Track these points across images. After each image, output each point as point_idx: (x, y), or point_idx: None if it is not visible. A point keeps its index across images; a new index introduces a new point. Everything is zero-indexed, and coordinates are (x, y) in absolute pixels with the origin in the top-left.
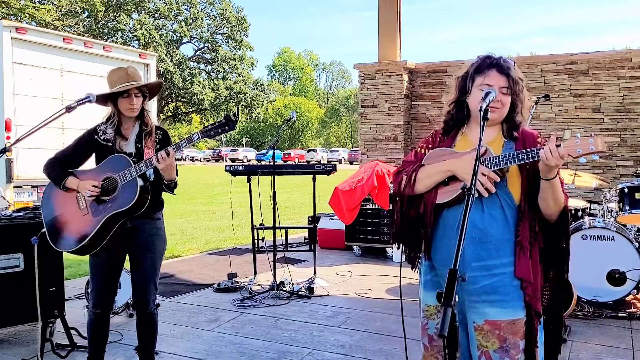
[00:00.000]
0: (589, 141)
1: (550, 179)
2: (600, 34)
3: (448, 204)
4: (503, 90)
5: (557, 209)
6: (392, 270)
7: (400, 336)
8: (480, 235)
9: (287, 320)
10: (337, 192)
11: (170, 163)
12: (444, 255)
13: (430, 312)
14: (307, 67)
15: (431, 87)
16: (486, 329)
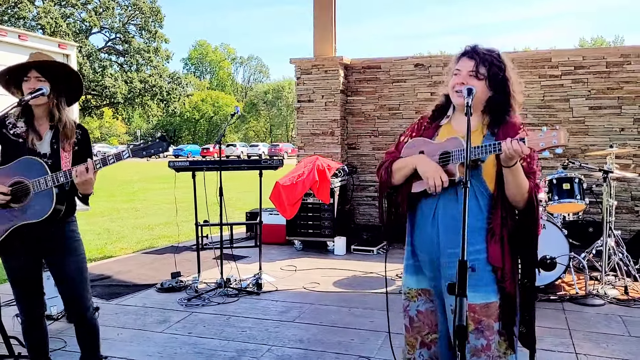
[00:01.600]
0: (552, 134)
1: (510, 167)
2: (508, 33)
3: (424, 194)
4: (470, 73)
5: (521, 196)
6: (335, 263)
7: (355, 327)
8: (455, 223)
9: (240, 318)
10: (278, 187)
11: (88, 179)
12: (422, 241)
13: (411, 295)
14: (224, 61)
15: (366, 83)
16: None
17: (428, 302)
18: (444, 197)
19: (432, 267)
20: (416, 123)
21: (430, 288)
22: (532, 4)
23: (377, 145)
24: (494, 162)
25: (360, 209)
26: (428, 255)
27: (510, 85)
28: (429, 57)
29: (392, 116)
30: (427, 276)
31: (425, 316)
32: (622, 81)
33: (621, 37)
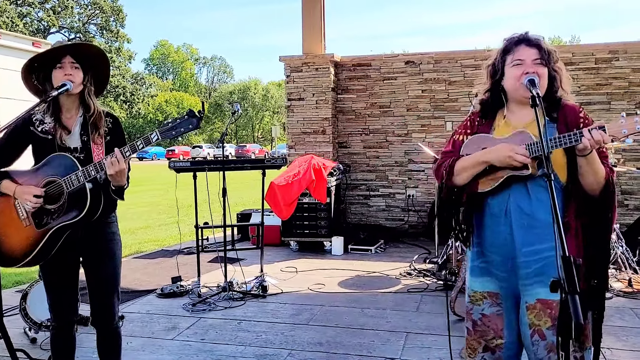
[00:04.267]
0: (635, 120)
1: (586, 155)
2: (472, 34)
3: (493, 191)
4: (536, 62)
5: (598, 184)
6: (334, 263)
7: (372, 328)
8: (528, 220)
9: (251, 322)
10: (273, 187)
11: (122, 169)
12: (494, 241)
13: (475, 298)
14: (187, 62)
15: (357, 81)
16: (538, 307)
17: (494, 306)
18: (514, 194)
19: (504, 267)
20: (467, 120)
21: (498, 290)
22: (491, 5)
23: (368, 143)
24: (563, 152)
25: (352, 208)
26: (501, 256)
27: (561, 74)
28: (420, 54)
29: (383, 114)
30: (498, 277)
31: (490, 320)
32: (611, 77)
33: (577, 37)
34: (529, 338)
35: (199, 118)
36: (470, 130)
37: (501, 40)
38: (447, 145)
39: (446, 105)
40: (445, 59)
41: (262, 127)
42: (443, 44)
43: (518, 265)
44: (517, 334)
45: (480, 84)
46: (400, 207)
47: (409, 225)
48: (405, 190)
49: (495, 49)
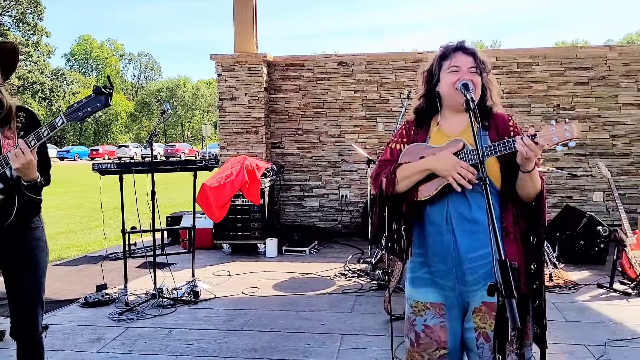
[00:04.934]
0: (564, 128)
1: (530, 171)
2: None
3: (431, 200)
4: (472, 70)
5: (535, 194)
6: (268, 265)
7: (308, 332)
8: (470, 226)
9: (183, 330)
10: (205, 188)
11: (27, 161)
12: (438, 250)
13: (418, 309)
14: (112, 58)
15: (289, 81)
16: (484, 310)
17: (438, 317)
18: (453, 201)
19: (450, 276)
20: (403, 128)
21: (443, 301)
22: (419, 9)
23: (302, 144)
24: (496, 160)
25: (286, 209)
26: (446, 265)
27: (493, 85)
28: (353, 55)
29: (317, 114)
30: (443, 287)
31: (433, 332)
32: (532, 81)
33: (498, 41)
34: (474, 342)
35: (108, 94)
36: (407, 139)
37: (437, 47)
38: (383, 154)
39: (378, 106)
40: (376, 60)
41: (192, 126)
42: (374, 45)
43: (464, 272)
44: (461, 342)
45: (417, 91)
46: (333, 207)
47: (342, 225)
48: (338, 190)
49: (431, 55)
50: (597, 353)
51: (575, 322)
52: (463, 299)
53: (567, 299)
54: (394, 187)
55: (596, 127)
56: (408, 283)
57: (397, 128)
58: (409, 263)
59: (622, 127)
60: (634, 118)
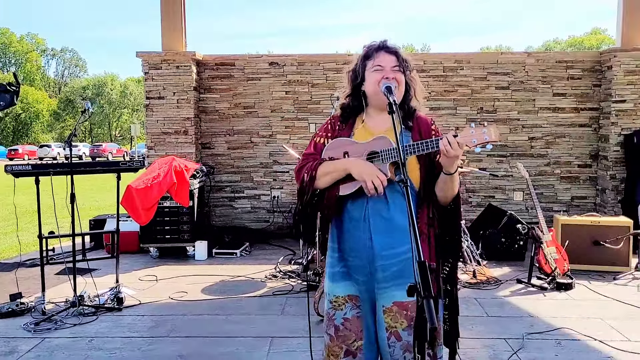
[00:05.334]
0: (482, 131)
1: (451, 174)
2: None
3: (351, 196)
4: (395, 68)
5: (452, 197)
6: (198, 269)
7: (237, 336)
8: (387, 225)
9: (104, 339)
10: (131, 190)
11: None
12: (354, 246)
13: (338, 303)
14: (32, 53)
15: (220, 80)
16: (395, 310)
17: (355, 308)
18: (372, 199)
19: (364, 271)
20: (328, 123)
21: (358, 294)
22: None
23: (233, 144)
24: (417, 161)
25: (217, 211)
26: (361, 260)
27: (416, 83)
28: (284, 56)
29: (248, 115)
30: (357, 281)
31: (352, 323)
32: (457, 84)
33: (428, 46)
34: (386, 340)
35: (14, 92)
36: (331, 133)
37: (361, 47)
38: (308, 147)
39: (310, 107)
40: (308, 61)
41: (120, 125)
42: (306, 46)
43: (376, 269)
44: (375, 336)
45: (343, 90)
46: (265, 208)
47: (274, 226)
48: (270, 191)
49: (356, 55)
50: (516, 346)
51: (496, 316)
52: (374, 295)
53: (489, 294)
54: (314, 183)
55: (516, 129)
56: (327, 279)
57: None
58: (329, 259)
59: (539, 130)
60: (549, 121)
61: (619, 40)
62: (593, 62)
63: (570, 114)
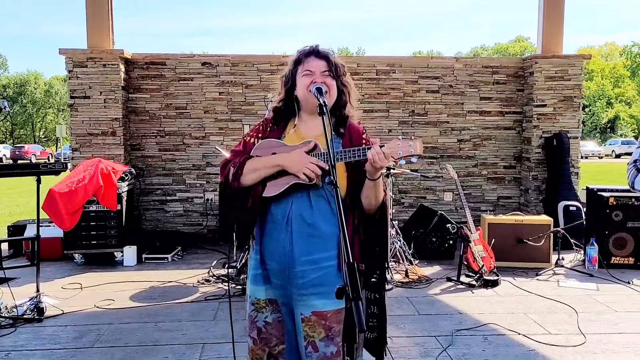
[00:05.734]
0: (409, 144)
1: (376, 179)
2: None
3: (276, 198)
4: (325, 73)
5: (377, 204)
6: (127, 275)
7: (166, 343)
8: (309, 230)
9: (23, 352)
10: (53, 194)
11: None
12: (274, 249)
13: (260, 306)
14: None
15: (150, 80)
16: (313, 319)
17: (276, 312)
18: (297, 202)
19: (282, 275)
20: (260, 124)
21: (277, 298)
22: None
23: (164, 146)
24: (345, 168)
25: (148, 214)
26: (279, 264)
27: (350, 88)
28: (217, 56)
29: (180, 115)
30: (275, 285)
31: (273, 327)
32: (390, 87)
33: (363, 50)
34: (304, 349)
35: None
36: (262, 134)
37: (294, 52)
38: (237, 145)
39: (244, 109)
40: (242, 62)
41: (45, 125)
42: (241, 47)
43: (295, 275)
44: (296, 342)
45: (276, 91)
46: (198, 211)
47: (208, 229)
48: (203, 194)
49: (290, 58)
50: (445, 343)
51: (426, 314)
52: (292, 301)
53: (420, 293)
54: (240, 179)
55: (445, 132)
56: (249, 281)
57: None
58: (251, 260)
59: (467, 132)
60: (476, 124)
61: (540, 47)
62: (516, 68)
63: (496, 117)
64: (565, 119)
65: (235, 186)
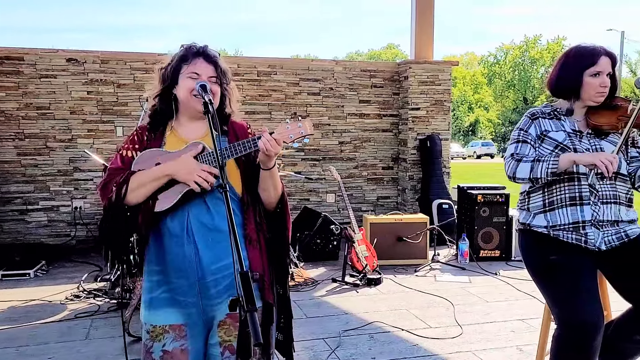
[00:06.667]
0: (298, 125)
1: (270, 169)
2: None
3: (170, 210)
4: (212, 80)
5: (276, 196)
6: None
7: None
8: (213, 235)
9: None
10: None
11: None
12: (179, 265)
13: (156, 333)
14: None
15: (5, 77)
16: (229, 322)
17: (178, 340)
18: (193, 210)
19: (193, 291)
20: (135, 135)
21: (184, 322)
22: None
23: (24, 150)
24: (236, 165)
25: (5, 226)
26: (187, 280)
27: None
28: (85, 52)
29: (42, 116)
30: (184, 304)
31: (173, 357)
32: (271, 89)
33: (240, 51)
34: (219, 357)
35: None
36: (139, 145)
37: (179, 46)
38: (113, 161)
39: (115, 109)
40: (113, 59)
41: None
42: (112, 45)
43: (207, 286)
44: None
45: (152, 89)
46: (65, 221)
47: (77, 240)
48: (71, 202)
49: (170, 54)
50: (334, 345)
51: (314, 317)
52: (207, 315)
53: (306, 295)
54: (125, 199)
55: (327, 134)
56: (144, 307)
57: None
58: (146, 283)
59: (348, 135)
60: (356, 126)
61: (413, 53)
62: (392, 72)
63: (374, 120)
64: (437, 121)
65: (121, 207)
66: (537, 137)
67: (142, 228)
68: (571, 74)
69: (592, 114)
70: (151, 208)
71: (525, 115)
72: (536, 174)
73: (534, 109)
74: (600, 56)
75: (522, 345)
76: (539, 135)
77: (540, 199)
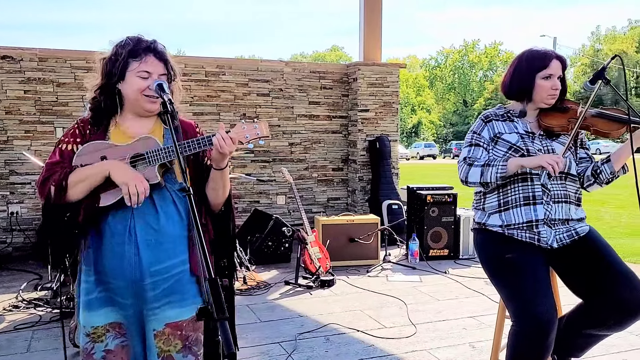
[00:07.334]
0: (254, 126)
1: (222, 168)
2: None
3: (113, 207)
4: (163, 78)
5: (224, 197)
6: None
7: None
8: (156, 236)
9: None
10: None
11: None
12: (117, 265)
13: (97, 335)
14: None
15: None
16: (167, 332)
17: (119, 337)
18: (139, 209)
19: (129, 293)
20: (75, 128)
21: (122, 320)
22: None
23: None
24: (185, 161)
25: None
26: (125, 281)
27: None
28: (20, 49)
29: None
30: (121, 305)
31: (116, 355)
32: (220, 90)
33: (182, 51)
34: None
35: None
36: (81, 139)
37: (124, 37)
38: (52, 156)
39: (55, 110)
40: (52, 57)
41: None
42: (52, 42)
43: (145, 288)
44: None
45: (93, 78)
46: (1, 227)
47: (13, 247)
48: (7, 207)
49: (125, 48)
50: (290, 348)
51: (268, 321)
52: (142, 318)
53: (259, 299)
54: (65, 195)
55: (277, 135)
56: (83, 308)
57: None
58: (83, 284)
59: (298, 136)
60: (306, 128)
61: (362, 55)
62: (341, 74)
63: (324, 121)
64: (385, 123)
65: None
66: (491, 139)
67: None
68: (524, 77)
69: (543, 116)
70: (92, 203)
71: (479, 118)
72: (486, 179)
73: (488, 112)
74: (551, 60)
75: (474, 342)
76: (493, 138)
77: (496, 199)
